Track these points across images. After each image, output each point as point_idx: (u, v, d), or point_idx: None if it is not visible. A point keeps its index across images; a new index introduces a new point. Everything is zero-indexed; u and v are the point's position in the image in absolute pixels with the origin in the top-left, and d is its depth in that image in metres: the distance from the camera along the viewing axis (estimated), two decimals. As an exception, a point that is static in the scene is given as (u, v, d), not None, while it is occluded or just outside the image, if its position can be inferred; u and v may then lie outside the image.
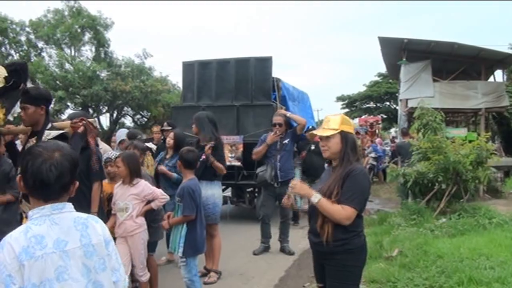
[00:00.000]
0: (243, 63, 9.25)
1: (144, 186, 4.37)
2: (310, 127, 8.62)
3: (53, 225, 1.60)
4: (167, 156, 5.98)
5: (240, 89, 9.16)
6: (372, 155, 15.44)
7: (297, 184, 2.94)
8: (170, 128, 6.88)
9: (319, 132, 2.95)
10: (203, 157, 5.35)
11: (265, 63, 9.14)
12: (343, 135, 2.88)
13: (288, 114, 6.87)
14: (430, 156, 8.02)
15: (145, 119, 26.71)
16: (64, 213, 1.65)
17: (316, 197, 2.78)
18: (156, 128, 8.37)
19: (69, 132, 3.55)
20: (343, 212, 2.72)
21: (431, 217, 7.57)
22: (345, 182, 2.78)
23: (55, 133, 3.37)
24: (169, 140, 5.96)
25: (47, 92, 3.77)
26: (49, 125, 3.58)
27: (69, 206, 1.69)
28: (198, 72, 9.45)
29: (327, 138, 2.88)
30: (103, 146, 5.71)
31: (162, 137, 7.20)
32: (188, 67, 9.65)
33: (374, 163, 15.38)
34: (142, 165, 5.06)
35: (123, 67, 24.45)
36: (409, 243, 6.00)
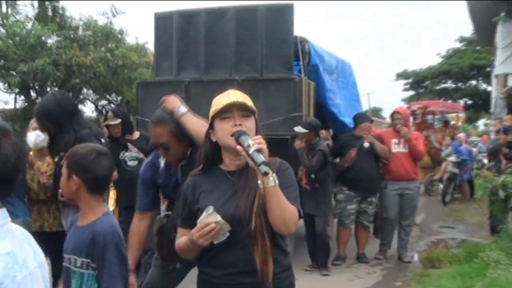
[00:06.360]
0: (247, 13, 6.81)
1: None
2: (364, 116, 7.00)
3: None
4: None
5: (243, 54, 6.73)
6: (453, 159, 10.68)
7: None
8: (118, 120, 5.02)
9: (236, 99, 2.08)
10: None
11: (282, 13, 6.68)
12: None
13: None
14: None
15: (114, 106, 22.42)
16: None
17: (274, 179, 1.86)
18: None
19: None
20: (296, 212, 1.99)
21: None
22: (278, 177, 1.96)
23: None
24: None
25: None
26: None
27: None
28: (179, 29, 6.97)
29: (247, 116, 2.05)
30: None
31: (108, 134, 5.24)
32: (162, 20, 7.14)
33: (456, 170, 10.60)
34: None
35: (81, 30, 20.50)
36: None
